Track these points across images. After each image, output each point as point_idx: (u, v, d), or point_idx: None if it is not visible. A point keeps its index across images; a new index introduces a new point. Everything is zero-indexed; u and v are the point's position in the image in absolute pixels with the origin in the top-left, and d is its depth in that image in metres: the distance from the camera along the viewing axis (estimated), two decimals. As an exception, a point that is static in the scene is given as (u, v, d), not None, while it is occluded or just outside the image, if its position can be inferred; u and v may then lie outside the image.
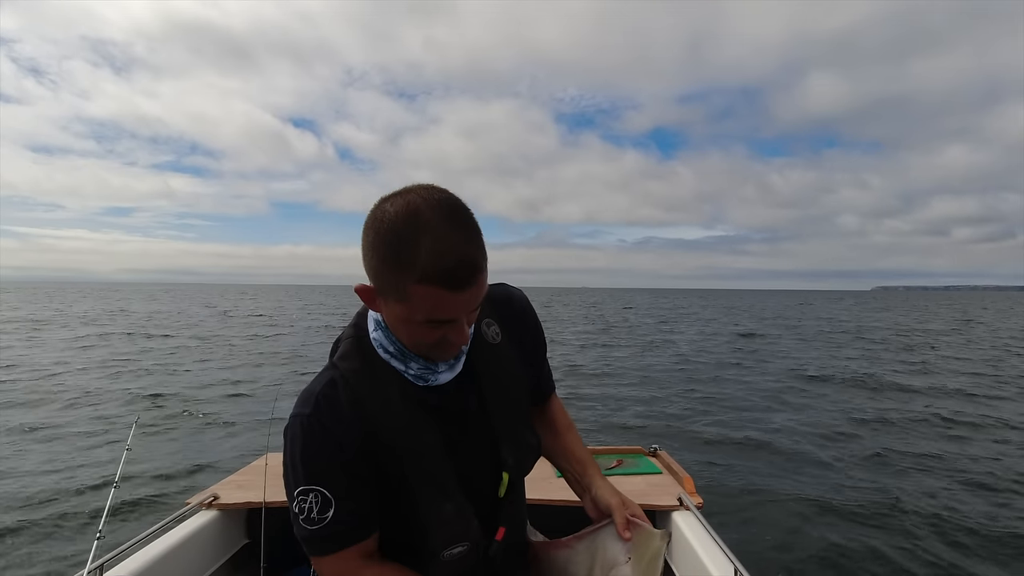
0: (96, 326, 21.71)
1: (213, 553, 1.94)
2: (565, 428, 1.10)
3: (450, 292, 0.70)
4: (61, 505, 4.28)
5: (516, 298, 1.01)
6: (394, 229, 0.69)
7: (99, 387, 9.16)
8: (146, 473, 4.88)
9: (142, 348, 14.86)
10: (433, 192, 0.73)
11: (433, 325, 0.74)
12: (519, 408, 0.95)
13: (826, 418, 7.08)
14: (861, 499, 4.42)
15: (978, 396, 8.76)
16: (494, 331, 0.93)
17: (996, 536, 3.80)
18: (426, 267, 0.68)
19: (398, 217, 0.70)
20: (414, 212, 0.69)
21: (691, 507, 1.95)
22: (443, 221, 0.69)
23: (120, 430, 6.38)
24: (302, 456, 0.80)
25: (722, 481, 4.80)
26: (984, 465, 5.31)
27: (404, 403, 0.83)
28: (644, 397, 8.55)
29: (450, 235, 0.69)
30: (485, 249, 0.74)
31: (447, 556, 0.84)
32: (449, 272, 0.69)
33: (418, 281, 0.69)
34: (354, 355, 0.85)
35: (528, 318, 1.01)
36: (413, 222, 0.69)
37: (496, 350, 0.92)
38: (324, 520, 0.79)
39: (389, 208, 0.71)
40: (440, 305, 0.71)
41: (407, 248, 0.68)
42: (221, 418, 6.98)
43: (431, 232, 0.68)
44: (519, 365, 0.96)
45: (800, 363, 12.36)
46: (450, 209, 0.71)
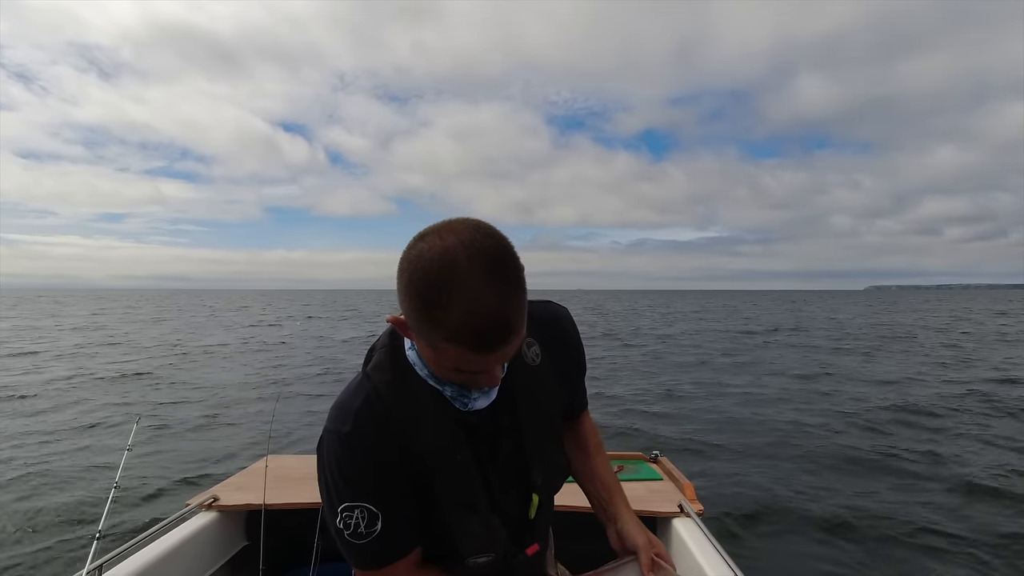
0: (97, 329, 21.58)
1: (212, 555, 1.93)
2: (595, 450, 1.10)
3: (479, 355, 0.67)
4: (60, 505, 4.26)
5: (560, 318, 0.98)
6: (427, 280, 0.64)
7: (100, 387, 9.13)
8: (146, 474, 4.86)
9: (142, 351, 14.80)
10: (475, 236, 0.66)
11: (460, 373, 0.72)
12: (552, 430, 0.94)
13: (833, 424, 7.05)
14: (866, 508, 4.39)
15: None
16: (534, 352, 0.91)
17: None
18: (456, 328, 0.64)
19: (432, 266, 0.64)
20: (450, 262, 0.63)
21: (692, 514, 1.95)
22: (480, 276, 0.63)
23: (121, 430, 6.35)
24: (343, 473, 0.79)
25: (723, 488, 4.78)
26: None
27: (437, 421, 0.82)
28: (646, 401, 8.55)
29: (485, 294, 0.63)
30: (525, 302, 0.69)
31: (472, 563, 0.85)
32: (480, 336, 0.65)
33: (447, 340, 0.65)
34: (388, 368, 0.83)
35: (570, 339, 0.99)
36: (448, 274, 0.63)
37: (534, 372, 0.90)
38: (373, 534, 0.79)
39: (426, 250, 0.65)
40: (469, 362, 0.69)
41: (438, 304, 0.64)
42: (222, 420, 6.96)
43: (465, 289, 0.63)
44: (556, 386, 0.94)
45: (804, 366, 12.36)
46: (490, 261, 0.65)
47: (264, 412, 6.96)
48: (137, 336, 19.57)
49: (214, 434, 6.37)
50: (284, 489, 2.04)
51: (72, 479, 4.86)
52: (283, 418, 6.63)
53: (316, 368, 11.58)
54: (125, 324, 25.83)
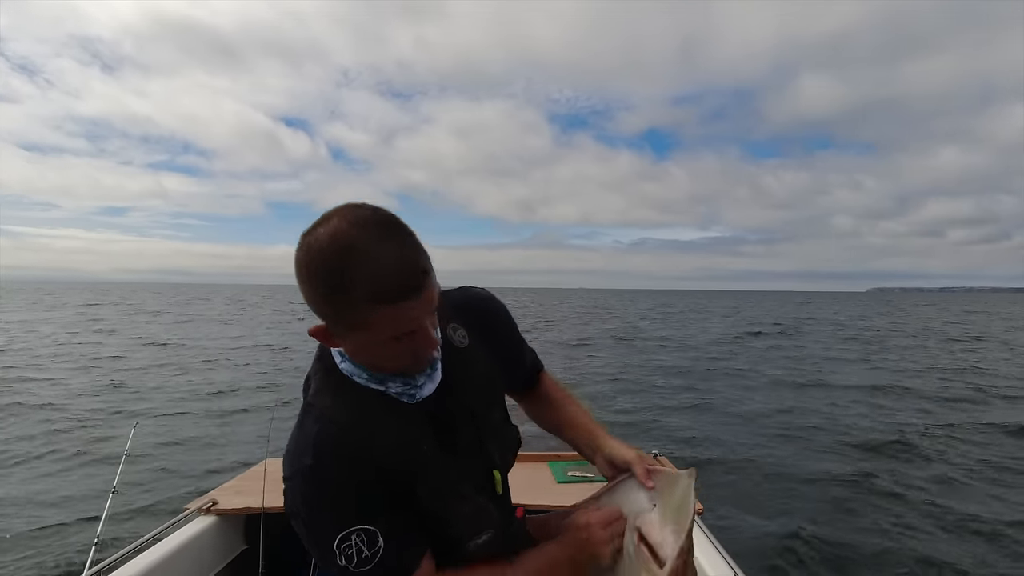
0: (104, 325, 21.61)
1: (211, 559, 1.93)
2: (563, 400, 1.11)
3: (405, 304, 0.69)
4: (59, 509, 4.26)
5: (476, 296, 1.01)
6: (326, 262, 0.67)
7: (98, 389, 9.13)
8: (145, 478, 4.86)
9: (137, 351, 14.80)
10: (354, 211, 0.70)
11: (399, 340, 0.73)
12: (496, 406, 0.97)
13: (836, 424, 7.04)
14: (867, 504, 4.41)
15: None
16: (460, 335, 0.93)
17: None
18: (373, 289, 0.67)
19: (326, 248, 0.67)
20: (341, 237, 0.67)
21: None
22: (373, 237, 0.67)
23: (120, 434, 6.35)
24: (324, 508, 0.76)
25: (723, 487, 4.79)
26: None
27: (394, 423, 0.81)
28: (647, 401, 8.55)
29: (385, 249, 0.67)
30: (423, 248, 0.72)
31: (474, 545, 0.85)
32: (397, 286, 0.67)
33: (369, 305, 0.67)
34: (329, 390, 0.82)
35: (490, 312, 1.01)
36: (344, 249, 0.66)
37: (465, 353, 0.92)
38: (378, 552, 0.76)
39: (314, 241, 0.68)
40: (400, 319, 0.70)
41: (347, 277, 0.66)
42: (221, 423, 6.95)
43: (365, 252, 0.66)
44: (491, 362, 0.97)
45: (808, 367, 12.35)
46: (376, 223, 0.69)
47: (263, 415, 6.96)
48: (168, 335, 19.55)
49: (212, 438, 6.37)
50: (283, 493, 2.03)
51: (70, 483, 4.85)
52: (282, 420, 6.61)
53: None
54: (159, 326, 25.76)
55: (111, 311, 33.25)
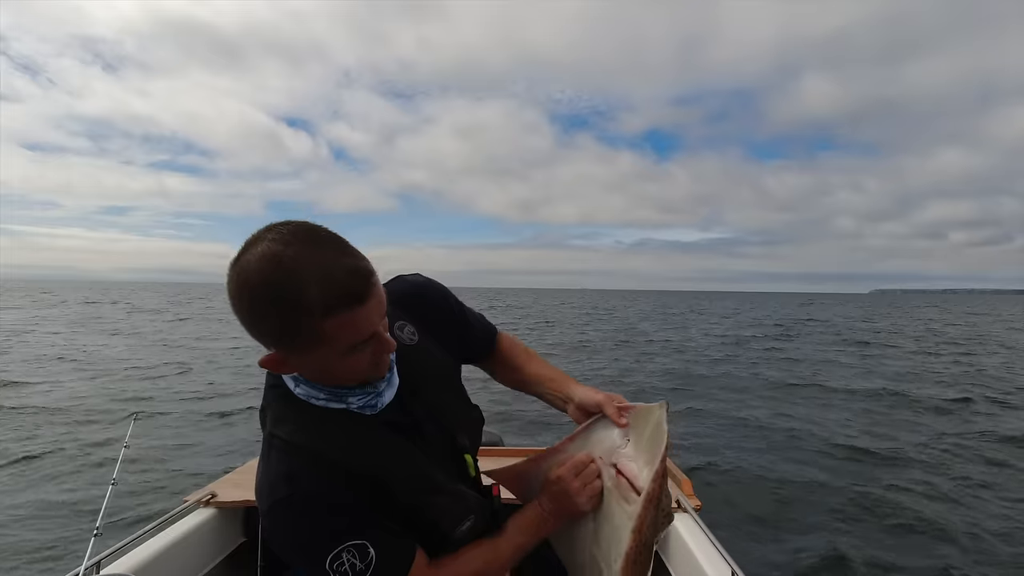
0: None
1: (210, 551, 1.93)
2: (525, 358, 1.12)
3: (358, 309, 0.68)
4: (58, 502, 4.27)
5: (412, 285, 1.01)
6: (268, 283, 0.65)
7: (99, 382, 9.15)
8: (144, 470, 4.87)
9: (142, 344, 14.84)
10: (279, 229, 0.68)
11: (357, 348, 0.72)
12: (455, 394, 0.98)
13: (833, 424, 7.04)
14: (863, 502, 4.41)
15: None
16: (409, 332, 0.93)
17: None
18: (323, 298, 0.65)
19: (265, 269, 0.65)
20: (276, 257, 0.65)
21: (689, 509, 1.95)
22: (308, 249, 0.66)
23: (119, 426, 6.36)
24: (310, 533, 0.75)
25: (721, 484, 4.80)
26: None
27: (359, 437, 0.81)
28: (646, 398, 8.53)
29: (324, 258, 0.66)
30: (356, 250, 0.71)
31: (459, 533, 0.87)
32: (346, 291, 0.66)
33: (323, 316, 0.66)
34: (290, 417, 0.81)
35: (427, 298, 1.01)
36: (283, 266, 0.65)
37: (416, 349, 0.92)
38: (371, 562, 0.76)
39: (248, 265, 0.66)
40: (355, 326, 0.69)
41: (293, 293, 0.64)
42: (220, 416, 6.97)
43: (305, 265, 0.65)
44: (442, 349, 0.98)
45: (808, 368, 12.34)
46: (306, 236, 0.68)
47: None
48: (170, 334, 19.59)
49: (212, 430, 6.38)
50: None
51: (69, 475, 4.86)
52: None
53: None
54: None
55: (110, 309, 33.27)
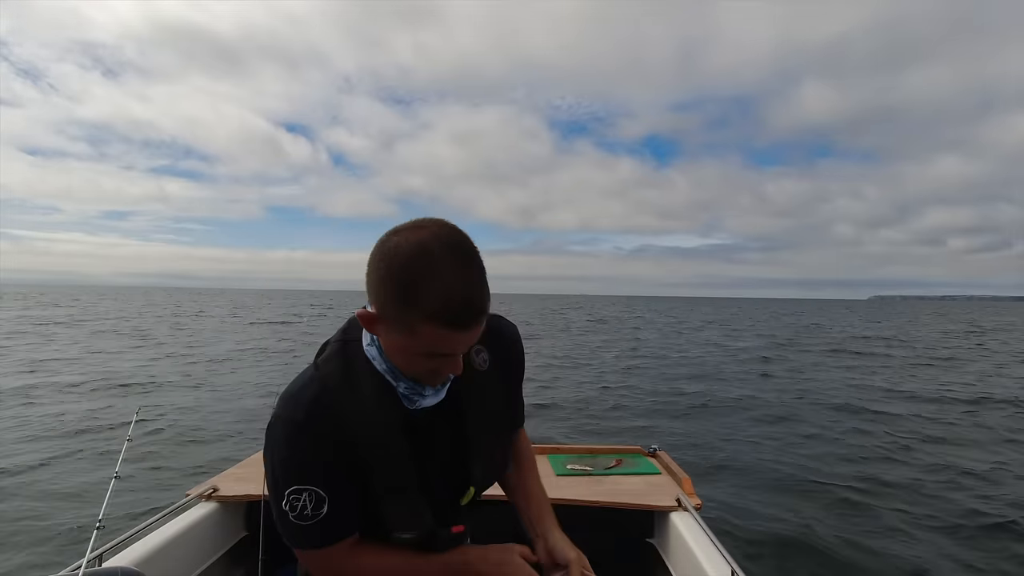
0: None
1: (212, 545, 1.94)
2: (528, 466, 1.15)
3: (454, 332, 0.74)
4: (61, 494, 4.28)
5: (508, 328, 1.06)
6: (405, 267, 0.72)
7: (102, 377, 9.15)
8: (146, 464, 4.87)
9: (140, 342, 14.83)
10: (444, 229, 0.75)
11: (431, 356, 0.79)
12: (498, 429, 1.01)
13: (836, 424, 7.04)
14: (865, 502, 4.42)
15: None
16: (483, 358, 0.98)
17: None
18: (435, 308, 0.71)
19: (410, 255, 0.72)
20: (426, 251, 0.72)
21: (690, 508, 1.96)
22: (454, 262, 0.72)
23: (123, 421, 6.37)
24: (292, 459, 0.83)
25: (721, 482, 4.80)
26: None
27: (380, 415, 0.86)
28: (646, 398, 8.54)
29: (460, 277, 0.72)
30: (488, 288, 0.77)
31: (396, 538, 0.90)
32: (456, 314, 0.72)
33: (425, 320, 0.72)
34: (338, 362, 0.88)
35: (515, 351, 1.06)
36: (425, 261, 0.71)
37: (482, 377, 0.97)
38: (319, 516, 0.83)
39: (402, 243, 0.73)
40: (443, 342, 0.75)
41: (417, 287, 0.71)
42: (222, 412, 6.96)
43: (442, 273, 0.71)
44: (502, 390, 1.02)
45: (806, 374, 12.34)
46: (461, 249, 0.74)
47: (263, 404, 6.99)
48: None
49: (214, 425, 6.38)
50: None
51: (72, 468, 4.86)
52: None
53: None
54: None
55: (109, 306, 33.25)
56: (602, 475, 2.28)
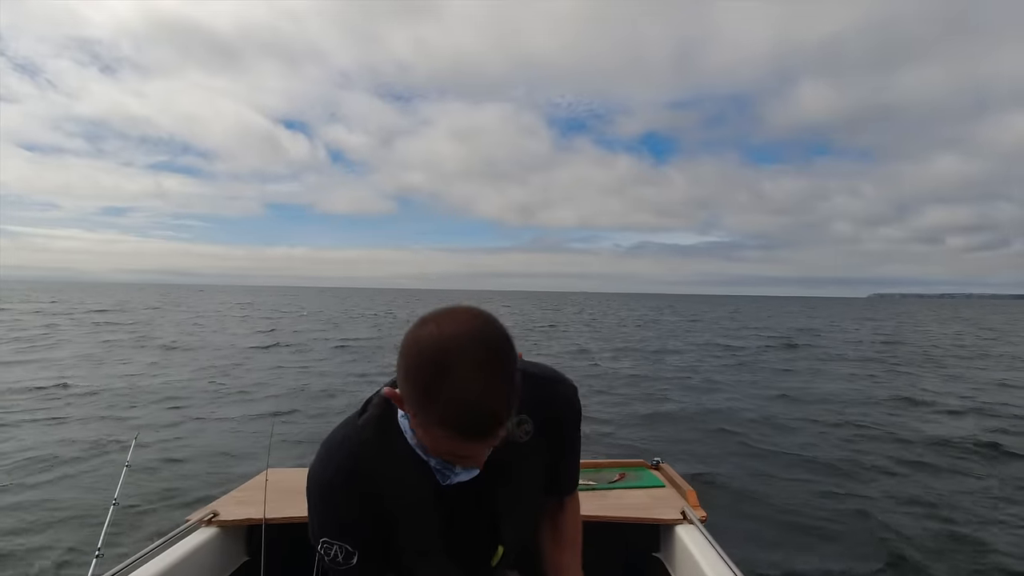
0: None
1: (213, 570, 1.92)
2: (570, 544, 1.10)
3: (463, 441, 0.71)
4: (59, 520, 4.21)
5: (561, 396, 0.99)
6: (422, 366, 0.69)
7: (98, 395, 9.12)
8: (146, 489, 4.82)
9: (137, 354, 14.79)
10: (474, 326, 0.70)
11: (448, 455, 0.78)
12: (530, 501, 1.01)
13: (841, 434, 7.00)
14: (872, 516, 4.39)
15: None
16: (524, 430, 0.93)
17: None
18: (446, 414, 0.68)
19: (429, 352, 0.69)
20: (445, 351, 0.68)
21: (695, 521, 1.95)
22: (472, 367, 0.68)
23: (120, 445, 6.31)
24: (323, 512, 0.89)
25: (727, 494, 4.77)
26: None
27: (412, 485, 0.88)
28: (648, 408, 8.52)
29: (475, 384, 0.67)
30: (515, 394, 0.72)
31: None
32: (467, 424, 0.69)
33: (437, 425, 0.70)
34: (377, 427, 0.89)
35: (567, 417, 1.00)
36: (441, 362, 0.68)
37: (522, 449, 0.93)
38: (351, 566, 0.89)
39: (425, 336, 0.70)
40: (455, 448, 0.74)
41: (430, 390, 0.68)
42: (222, 433, 6.90)
43: (457, 379, 0.67)
44: (541, 463, 0.99)
45: (816, 378, 12.31)
46: (484, 352, 0.69)
47: (263, 425, 6.93)
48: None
49: (214, 448, 6.32)
50: (284, 503, 2.01)
51: (70, 495, 4.80)
52: (281, 432, 6.62)
53: (322, 381, 11.35)
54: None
55: (107, 301, 33.20)
56: (606, 489, 2.26)
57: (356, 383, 10.44)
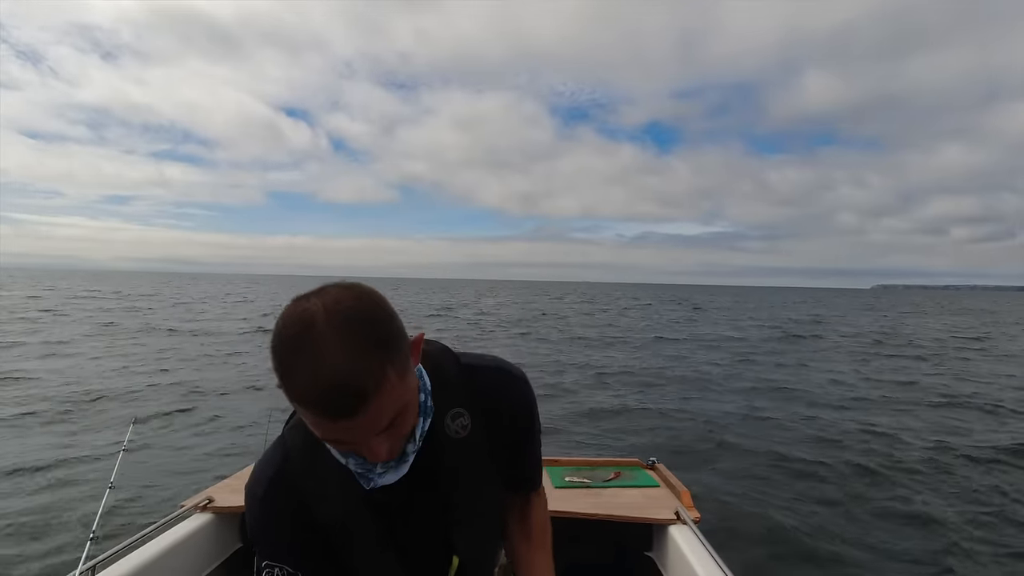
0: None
1: (206, 556, 1.93)
2: (538, 541, 1.03)
3: (330, 420, 0.62)
4: (54, 505, 4.25)
5: (503, 384, 0.90)
6: (281, 341, 0.62)
7: (100, 384, 9.16)
8: (141, 474, 4.85)
9: (137, 341, 14.85)
10: (340, 297, 0.63)
11: (332, 443, 0.69)
12: (482, 500, 0.90)
13: (838, 431, 6.99)
14: (866, 513, 4.40)
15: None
16: (460, 424, 0.85)
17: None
18: (304, 392, 0.61)
19: (288, 326, 0.62)
20: (305, 324, 0.61)
21: (688, 521, 1.95)
22: (333, 339, 0.60)
23: (117, 429, 6.35)
24: (259, 534, 0.82)
25: (721, 495, 4.76)
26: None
27: (340, 495, 0.81)
28: (644, 407, 8.51)
29: (334, 358, 0.60)
30: (386, 370, 0.63)
31: None
32: (326, 402, 0.60)
33: (299, 403, 0.62)
34: (302, 433, 0.81)
35: (514, 410, 0.91)
36: (299, 337, 0.61)
37: (459, 445, 0.85)
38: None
39: (289, 312, 0.63)
40: (330, 432, 0.64)
41: (289, 366, 0.61)
42: (218, 420, 6.94)
43: (314, 352, 0.60)
44: (486, 458, 0.88)
45: (816, 373, 12.29)
46: (349, 323, 0.61)
47: (259, 412, 6.96)
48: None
49: (209, 435, 6.36)
50: None
51: (66, 479, 4.83)
52: (280, 419, 6.62)
53: None
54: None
55: (109, 291, 33.31)
56: (600, 487, 2.27)
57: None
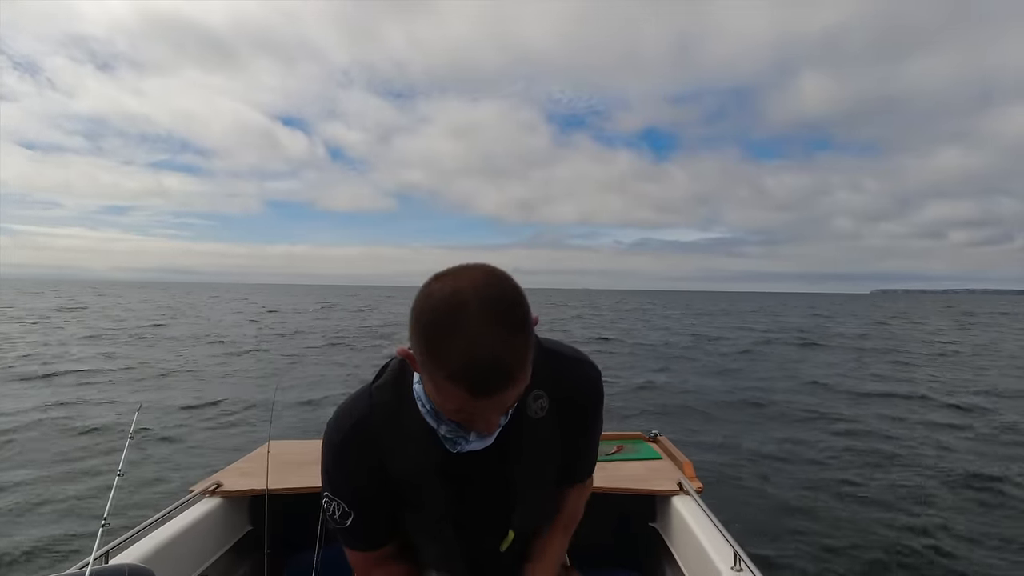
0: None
1: (217, 540, 1.95)
2: (562, 529, 1.07)
3: (476, 397, 0.67)
4: (66, 493, 4.28)
5: (582, 376, 0.95)
6: (434, 319, 0.66)
7: (105, 376, 9.16)
8: (150, 461, 4.88)
9: (139, 337, 14.83)
10: (487, 280, 0.68)
11: (458, 413, 0.74)
12: (544, 481, 0.94)
13: (836, 408, 7.03)
14: (864, 486, 4.42)
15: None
16: (540, 405, 0.89)
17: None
18: (456, 368, 0.65)
19: (441, 306, 0.66)
20: (458, 304, 0.65)
21: (691, 492, 1.98)
22: (485, 320, 0.65)
23: (124, 417, 6.37)
24: (330, 471, 0.90)
25: (723, 466, 4.80)
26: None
27: (419, 455, 0.87)
28: (647, 381, 8.52)
29: (488, 338, 0.65)
30: (529, 351, 0.69)
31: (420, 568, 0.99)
32: (478, 379, 0.66)
33: (447, 378, 0.67)
34: (391, 392, 0.88)
35: (588, 399, 0.96)
36: (453, 315, 0.65)
37: (536, 425, 0.89)
38: (345, 524, 0.90)
39: (437, 290, 0.68)
40: (464, 406, 0.70)
41: (442, 343, 0.66)
42: (225, 405, 6.98)
43: (469, 332, 0.64)
44: (556, 442, 0.93)
45: (810, 361, 12.32)
46: (497, 306, 0.66)
47: (265, 397, 7.01)
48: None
49: (216, 420, 6.38)
50: (286, 474, 2.06)
51: (76, 466, 4.86)
52: (283, 403, 6.70)
53: (317, 353, 11.48)
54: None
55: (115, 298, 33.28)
56: (604, 461, 2.30)
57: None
